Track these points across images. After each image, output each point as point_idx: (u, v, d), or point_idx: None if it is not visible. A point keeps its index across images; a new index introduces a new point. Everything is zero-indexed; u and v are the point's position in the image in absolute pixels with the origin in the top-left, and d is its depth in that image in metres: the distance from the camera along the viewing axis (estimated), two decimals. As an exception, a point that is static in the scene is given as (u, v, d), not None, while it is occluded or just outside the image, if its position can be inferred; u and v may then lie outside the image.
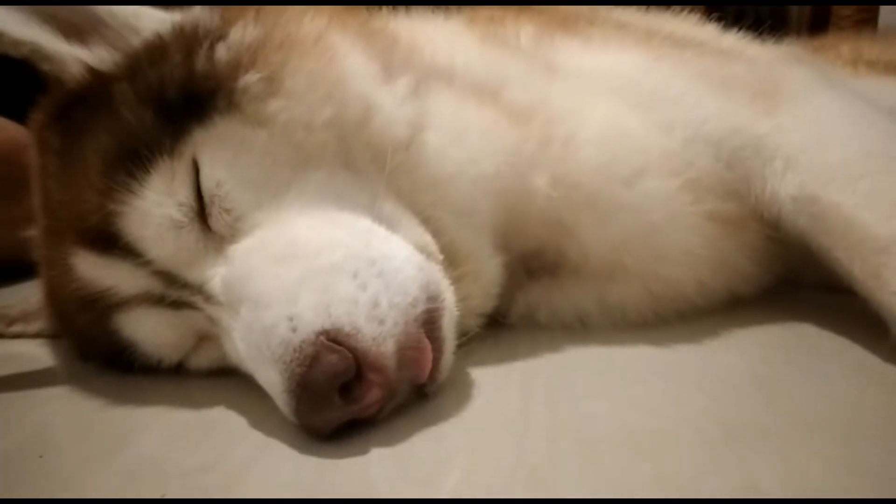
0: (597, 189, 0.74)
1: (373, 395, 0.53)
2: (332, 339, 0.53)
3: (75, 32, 0.70)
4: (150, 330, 0.66)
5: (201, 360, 0.69)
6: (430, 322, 0.59)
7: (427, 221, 0.69)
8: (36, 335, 0.87)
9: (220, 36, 0.65)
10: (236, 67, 0.64)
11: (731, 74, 0.86)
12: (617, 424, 0.56)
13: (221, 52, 0.64)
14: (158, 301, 0.64)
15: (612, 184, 0.74)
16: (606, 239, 0.75)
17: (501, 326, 0.78)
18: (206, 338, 0.67)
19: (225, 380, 0.67)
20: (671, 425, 0.56)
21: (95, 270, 0.65)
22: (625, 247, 0.75)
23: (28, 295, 0.89)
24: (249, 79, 0.63)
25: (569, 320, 0.79)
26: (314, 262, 0.57)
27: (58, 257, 0.68)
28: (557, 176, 0.74)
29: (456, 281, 0.68)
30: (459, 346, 0.65)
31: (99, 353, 0.72)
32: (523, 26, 0.89)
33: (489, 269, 0.74)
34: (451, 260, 0.69)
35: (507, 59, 0.82)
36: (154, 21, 0.71)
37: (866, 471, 0.48)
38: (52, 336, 0.84)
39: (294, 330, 0.53)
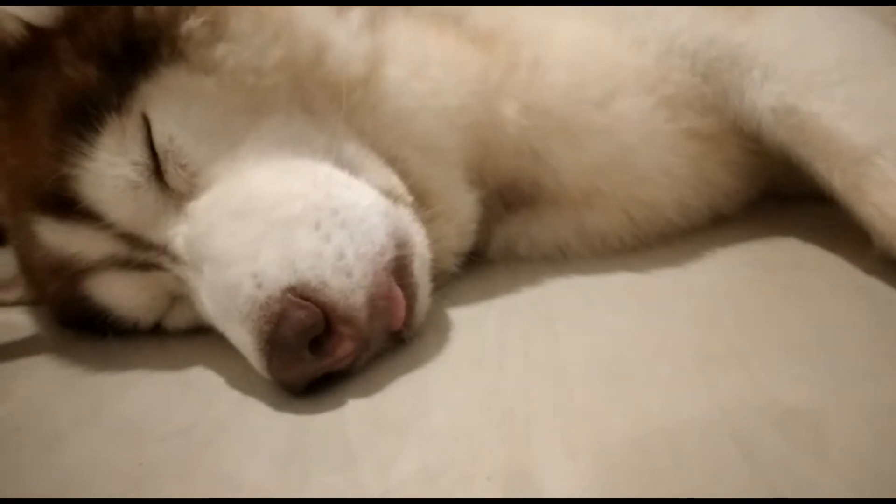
0: (568, 113, 0.71)
1: (344, 349, 0.53)
2: (299, 295, 0.51)
3: None
4: (120, 294, 0.65)
5: (177, 320, 0.68)
6: (400, 269, 0.57)
7: (393, 161, 0.67)
8: (16, 303, 0.86)
9: None
10: (177, 13, 0.60)
11: None
12: (592, 358, 0.56)
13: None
14: (125, 264, 0.63)
15: (584, 107, 0.71)
16: (582, 165, 0.73)
17: (481, 262, 0.77)
18: (179, 297, 0.66)
19: (203, 337, 0.66)
20: (647, 355, 0.55)
21: (58, 236, 0.63)
22: (601, 171, 0.73)
23: (4, 261, 0.87)
24: (191, 24, 0.60)
25: (549, 251, 0.78)
26: (273, 215, 0.55)
27: (22, 224, 0.67)
28: (527, 102, 0.71)
29: (429, 221, 0.66)
30: (437, 288, 0.64)
31: (75, 319, 0.71)
32: None
33: (463, 207, 0.72)
34: (422, 200, 0.67)
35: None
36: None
37: (846, 395, 0.48)
38: (31, 303, 0.83)
39: (259, 286, 0.52)
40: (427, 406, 0.52)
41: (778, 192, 0.84)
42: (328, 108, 0.65)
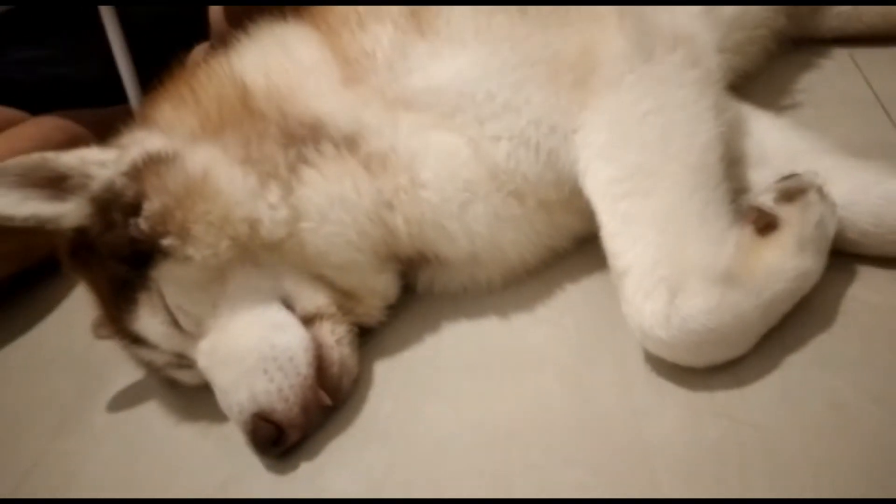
0: (438, 222, 0.98)
1: (292, 438, 0.91)
2: (261, 418, 0.91)
3: (48, 184, 0.99)
4: (184, 378, 1.06)
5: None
6: (323, 375, 0.94)
7: (321, 278, 0.99)
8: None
9: (136, 210, 0.93)
10: (155, 234, 0.92)
11: (556, 53, 0.97)
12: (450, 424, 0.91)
13: (142, 225, 0.93)
14: (179, 365, 1.04)
15: (447, 217, 0.97)
16: (460, 251, 1.00)
17: (412, 296, 1.11)
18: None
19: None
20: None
21: (139, 352, 1.04)
22: (475, 253, 1.01)
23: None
24: (166, 241, 0.93)
25: (456, 291, 1.08)
26: (241, 366, 0.92)
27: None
28: (409, 217, 0.98)
29: (357, 303, 1.01)
30: (369, 339, 1.00)
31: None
32: (380, 37, 1.03)
33: (381, 286, 1.04)
34: (349, 294, 1.01)
35: (366, 101, 1.00)
36: (98, 167, 0.99)
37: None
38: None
39: (240, 413, 0.92)
40: (320, 463, 0.91)
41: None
42: (269, 259, 0.97)
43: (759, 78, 1.21)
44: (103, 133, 1.41)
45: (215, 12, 1.70)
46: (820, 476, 0.73)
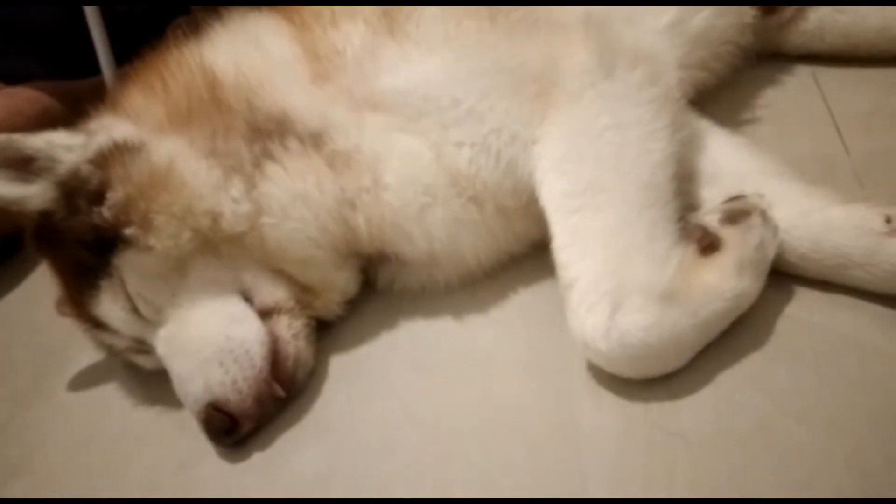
0: (399, 223, 1.00)
1: (246, 429, 0.95)
2: (215, 408, 0.93)
3: (14, 165, 1.00)
4: (144, 363, 1.09)
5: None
6: (277, 368, 0.97)
7: (280, 273, 1.02)
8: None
9: (101, 198, 0.95)
10: (117, 223, 0.94)
11: (522, 63, 1.00)
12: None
13: (105, 213, 0.94)
14: (139, 350, 1.06)
15: (408, 219, 1.00)
16: (419, 252, 1.03)
17: (372, 293, 1.13)
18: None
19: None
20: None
21: (100, 335, 1.07)
22: (434, 255, 1.03)
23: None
24: (128, 231, 0.94)
25: (414, 289, 1.11)
26: (198, 356, 0.95)
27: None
28: (370, 217, 1.01)
29: (316, 297, 1.04)
30: (328, 332, 1.04)
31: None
32: (352, 36, 1.04)
33: (340, 281, 1.07)
34: (308, 288, 1.04)
35: (334, 99, 1.01)
36: (65, 151, 1.01)
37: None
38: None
39: (196, 402, 0.94)
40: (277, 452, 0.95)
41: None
42: (231, 251, 0.99)
43: (721, 90, 1.24)
44: (74, 105, 1.42)
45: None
46: (740, 490, 0.77)
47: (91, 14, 1.53)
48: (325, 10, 1.07)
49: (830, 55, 1.27)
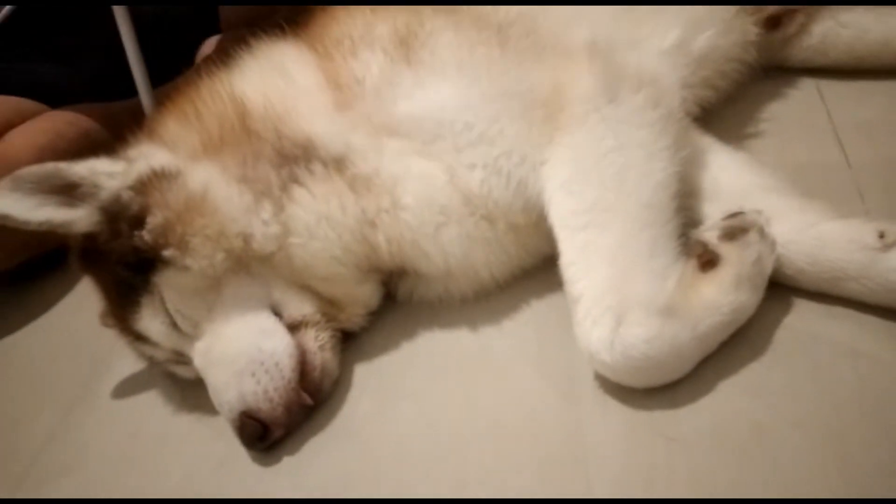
0: (416, 241, 1.07)
1: (276, 435, 1.02)
2: (248, 416, 1.01)
3: (59, 191, 1.09)
4: (182, 372, 1.17)
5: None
6: (306, 379, 1.04)
7: (307, 288, 1.09)
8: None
9: (141, 222, 1.02)
10: (157, 246, 1.02)
11: (530, 88, 1.05)
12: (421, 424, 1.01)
13: (146, 236, 1.02)
14: (177, 362, 1.14)
15: (424, 238, 1.06)
16: (435, 268, 1.09)
17: (392, 304, 1.20)
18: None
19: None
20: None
21: (141, 347, 1.15)
22: (449, 270, 1.09)
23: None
24: (167, 252, 1.02)
25: (432, 301, 1.17)
26: (232, 367, 1.02)
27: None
28: (389, 236, 1.07)
29: (341, 311, 1.11)
30: (352, 342, 1.11)
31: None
32: (370, 64, 1.11)
33: (363, 295, 1.13)
34: (334, 303, 1.11)
35: (354, 125, 1.08)
36: (107, 178, 1.09)
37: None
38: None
39: (230, 410, 1.02)
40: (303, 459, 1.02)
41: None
42: (261, 269, 1.07)
43: (726, 104, 1.28)
44: (114, 126, 1.51)
45: (227, 11, 1.77)
46: (736, 493, 0.82)
47: (120, 14, 1.57)
48: (346, 38, 1.14)
49: (835, 68, 1.30)
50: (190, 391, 1.18)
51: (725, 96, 1.27)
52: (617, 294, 0.92)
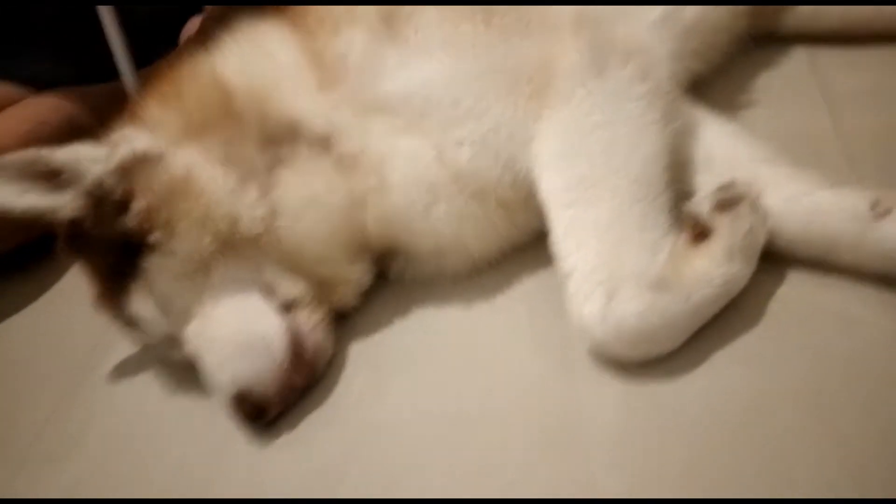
0: (405, 221, 1.06)
1: (271, 413, 1.02)
2: (242, 397, 1.01)
3: (42, 178, 1.07)
4: (174, 356, 1.16)
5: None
6: (297, 359, 1.03)
7: (297, 269, 1.08)
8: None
9: (125, 206, 1.01)
10: (142, 230, 1.01)
11: (517, 64, 1.04)
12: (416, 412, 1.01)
13: (131, 220, 1.01)
14: (170, 346, 1.13)
15: (414, 217, 1.05)
16: (426, 247, 1.09)
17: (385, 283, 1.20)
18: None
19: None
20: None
21: (134, 332, 1.14)
22: (440, 249, 1.09)
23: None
24: (153, 237, 1.01)
25: (424, 279, 1.16)
26: (224, 350, 1.02)
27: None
28: (377, 215, 1.06)
29: (332, 291, 1.10)
30: (345, 322, 1.10)
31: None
32: (354, 41, 1.09)
33: (354, 275, 1.12)
34: (325, 284, 1.10)
35: (339, 104, 1.07)
36: (90, 163, 1.07)
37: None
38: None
39: (224, 394, 1.02)
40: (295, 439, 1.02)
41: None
42: (250, 252, 1.05)
43: (717, 73, 1.26)
44: (98, 110, 1.49)
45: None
46: (733, 468, 0.81)
47: (106, 14, 1.55)
48: (328, 16, 1.12)
49: (828, 36, 1.29)
50: (185, 374, 1.17)
51: (716, 67, 1.25)
52: (607, 269, 0.91)
